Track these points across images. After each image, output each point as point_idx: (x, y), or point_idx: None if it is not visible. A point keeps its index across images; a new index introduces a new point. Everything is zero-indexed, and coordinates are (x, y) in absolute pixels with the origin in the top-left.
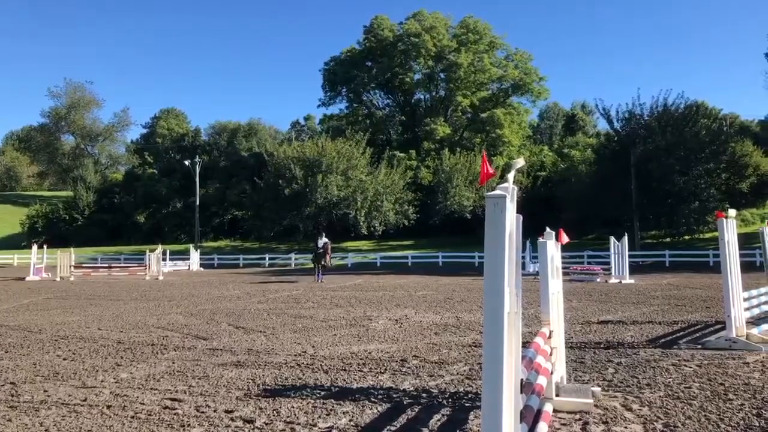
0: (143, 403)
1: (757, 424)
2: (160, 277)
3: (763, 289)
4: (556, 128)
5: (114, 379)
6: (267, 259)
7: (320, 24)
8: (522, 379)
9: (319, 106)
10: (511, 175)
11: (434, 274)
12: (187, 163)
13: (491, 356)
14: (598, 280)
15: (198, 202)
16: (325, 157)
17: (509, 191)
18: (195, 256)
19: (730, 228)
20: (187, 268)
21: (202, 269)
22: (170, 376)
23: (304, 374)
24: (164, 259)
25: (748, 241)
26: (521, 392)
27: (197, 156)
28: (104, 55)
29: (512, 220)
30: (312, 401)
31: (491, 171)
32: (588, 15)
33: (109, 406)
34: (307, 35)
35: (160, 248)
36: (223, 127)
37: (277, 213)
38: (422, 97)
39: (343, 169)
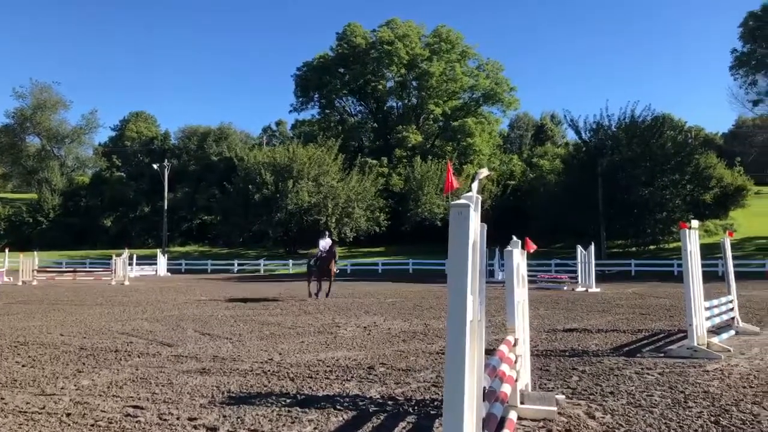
0: (104, 411)
1: (715, 431)
2: (126, 282)
3: (724, 299)
4: (525, 138)
5: (75, 386)
6: (236, 265)
7: (293, 30)
8: (485, 387)
9: (290, 111)
10: (475, 185)
11: (404, 281)
12: (156, 166)
13: (453, 364)
14: (565, 288)
15: (166, 207)
16: (296, 163)
17: (473, 200)
18: (162, 261)
19: (693, 238)
20: (155, 273)
21: (169, 274)
22: (133, 383)
23: (270, 381)
24: (131, 264)
25: (711, 251)
26: (484, 400)
27: (166, 160)
28: (72, 56)
29: (476, 229)
30: (277, 409)
31: (455, 184)
32: (557, 27)
33: (68, 414)
34: (280, 40)
35: (126, 253)
36: (194, 131)
37: (246, 218)
38: (394, 104)
39: (315, 175)
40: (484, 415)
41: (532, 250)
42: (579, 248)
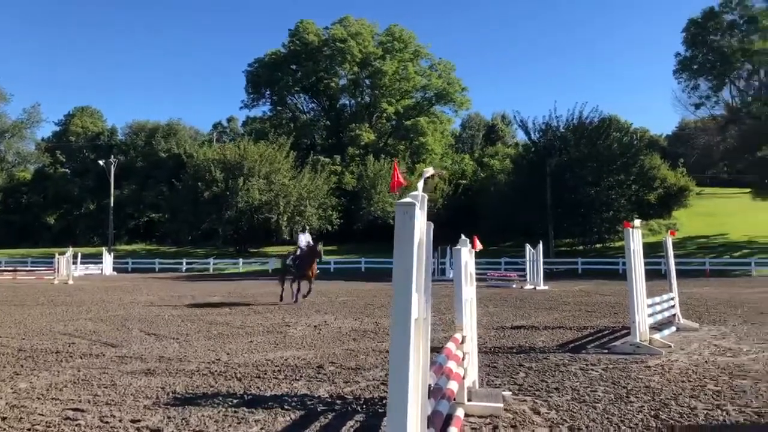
0: (42, 414)
1: (654, 425)
2: (70, 282)
3: (666, 296)
4: (477, 138)
5: (12, 389)
6: (184, 264)
7: (245, 26)
8: (431, 385)
9: (241, 108)
10: (420, 184)
11: (357, 279)
12: (101, 162)
13: (397, 362)
14: (514, 286)
15: (112, 204)
16: (247, 160)
17: (419, 199)
18: (108, 259)
19: (636, 237)
20: (100, 272)
21: (115, 273)
22: (74, 386)
23: (216, 382)
24: (75, 263)
25: (654, 250)
26: (430, 397)
27: (113, 156)
28: (12, 48)
29: (422, 227)
30: (223, 409)
31: (402, 180)
32: (508, 28)
33: (3, 418)
34: (231, 36)
35: (70, 251)
36: (141, 126)
37: (195, 216)
38: (347, 102)
39: (266, 172)
40: (430, 413)
41: (478, 249)
42: (528, 247)
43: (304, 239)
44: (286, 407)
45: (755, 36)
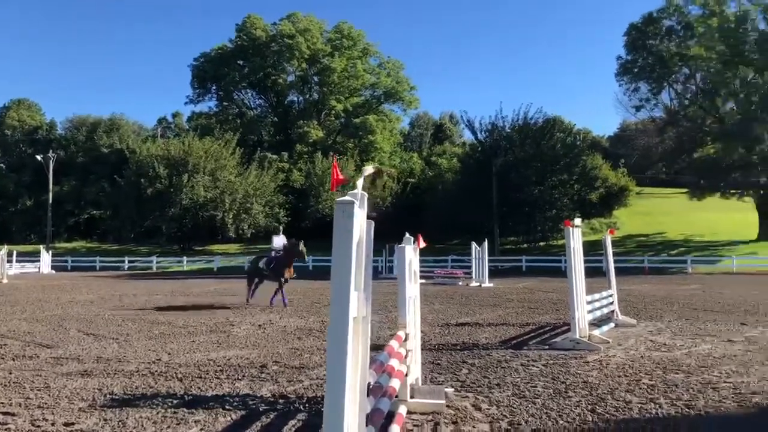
0: None
1: (591, 419)
2: (5, 281)
3: (605, 293)
4: (425, 137)
5: None
6: (126, 262)
7: (191, 19)
8: (370, 383)
9: (187, 103)
10: (360, 182)
11: (304, 278)
12: (39, 157)
13: (335, 361)
14: (460, 283)
15: (51, 200)
16: (191, 157)
17: (358, 197)
18: (46, 257)
19: (576, 236)
20: (37, 270)
21: (54, 272)
22: (5, 388)
23: (156, 382)
24: (10, 261)
25: (596, 248)
26: (369, 395)
27: (51, 151)
28: None
29: (362, 225)
30: (163, 411)
31: (342, 178)
32: (456, 29)
33: None
34: (177, 30)
35: (5, 249)
36: (82, 120)
37: (138, 213)
38: (295, 99)
39: (211, 169)
40: (369, 411)
41: (421, 247)
42: (473, 245)
43: (280, 241)
44: (227, 407)
45: (692, 41)
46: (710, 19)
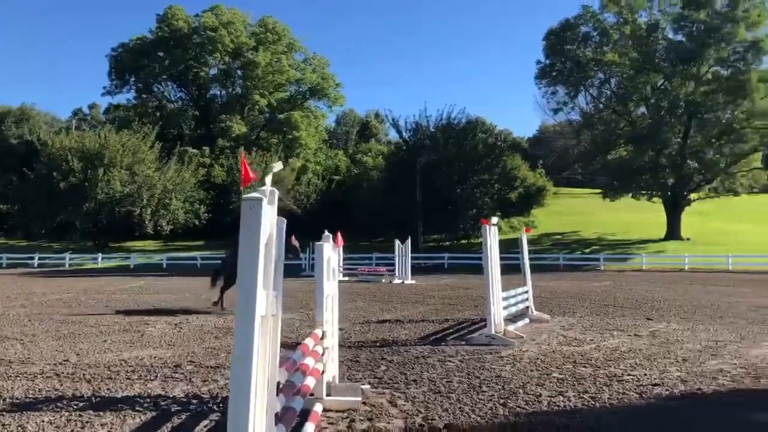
0: None
1: (502, 413)
2: None
3: (520, 290)
4: (351, 134)
5: None
6: (36, 258)
7: (109, 8)
8: (280, 382)
9: (104, 94)
10: (269, 179)
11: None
12: None
13: (241, 360)
14: (383, 280)
15: None
16: (108, 150)
17: (267, 194)
18: None
19: (493, 234)
20: None
21: None
22: None
23: (62, 385)
24: None
25: (515, 246)
26: (278, 394)
27: None
28: None
29: (272, 222)
30: (67, 414)
31: (252, 174)
32: (382, 28)
33: None
34: (96, 18)
35: None
36: None
37: (49, 208)
38: (218, 93)
39: (129, 163)
40: (279, 410)
41: (340, 246)
42: (397, 242)
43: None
44: (137, 409)
45: (607, 48)
46: (624, 26)
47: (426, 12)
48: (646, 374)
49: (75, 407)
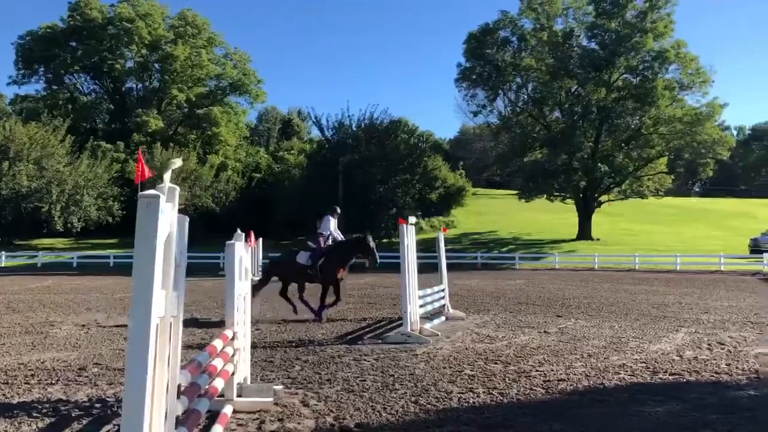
0: None
1: (413, 410)
2: None
3: (437, 288)
4: (273, 131)
5: None
6: None
7: None
8: (180, 384)
9: (9, 84)
10: (167, 176)
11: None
12: None
13: (135, 363)
14: None
15: None
16: (13, 143)
17: (166, 191)
18: None
19: (410, 233)
20: None
21: None
22: None
23: None
24: None
25: (435, 245)
26: (179, 396)
27: None
28: None
29: (172, 221)
30: None
31: (148, 172)
32: (306, 27)
33: None
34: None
35: None
36: None
37: None
38: (134, 86)
39: (37, 157)
40: (180, 413)
41: (253, 245)
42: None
43: (332, 225)
44: (34, 414)
45: (525, 53)
46: (540, 33)
47: (349, 13)
48: (552, 370)
49: None
